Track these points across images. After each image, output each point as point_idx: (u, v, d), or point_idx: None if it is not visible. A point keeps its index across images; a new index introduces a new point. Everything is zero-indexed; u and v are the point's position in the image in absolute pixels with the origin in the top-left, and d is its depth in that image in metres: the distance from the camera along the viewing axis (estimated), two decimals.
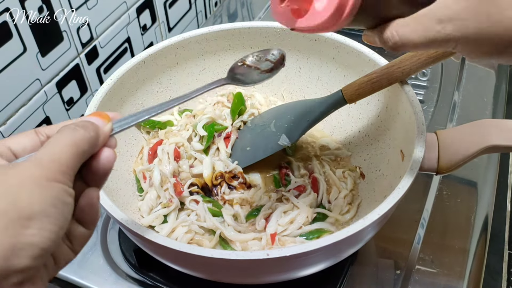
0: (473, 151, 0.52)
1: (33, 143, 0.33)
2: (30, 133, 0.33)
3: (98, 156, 0.33)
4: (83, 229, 0.32)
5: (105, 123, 0.34)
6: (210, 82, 0.48)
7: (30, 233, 0.27)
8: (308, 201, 0.61)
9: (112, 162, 0.33)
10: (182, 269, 0.51)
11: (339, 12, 0.35)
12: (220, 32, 0.69)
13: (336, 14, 0.35)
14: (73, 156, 0.30)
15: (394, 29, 0.34)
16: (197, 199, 0.62)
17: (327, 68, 0.70)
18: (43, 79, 0.67)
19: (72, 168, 0.30)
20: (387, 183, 0.57)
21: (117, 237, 0.64)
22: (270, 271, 0.48)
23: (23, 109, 0.65)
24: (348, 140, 0.70)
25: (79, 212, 0.32)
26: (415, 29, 0.33)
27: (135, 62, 0.64)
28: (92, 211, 0.32)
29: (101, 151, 0.33)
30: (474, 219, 0.66)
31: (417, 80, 0.88)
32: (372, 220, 0.44)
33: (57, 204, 0.28)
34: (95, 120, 0.34)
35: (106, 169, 0.33)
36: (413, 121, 0.53)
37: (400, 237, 0.64)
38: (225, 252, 0.43)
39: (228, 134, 0.69)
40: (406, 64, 0.55)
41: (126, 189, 0.62)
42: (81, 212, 0.32)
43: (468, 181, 0.71)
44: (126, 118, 0.37)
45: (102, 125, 0.34)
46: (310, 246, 0.42)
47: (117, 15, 0.79)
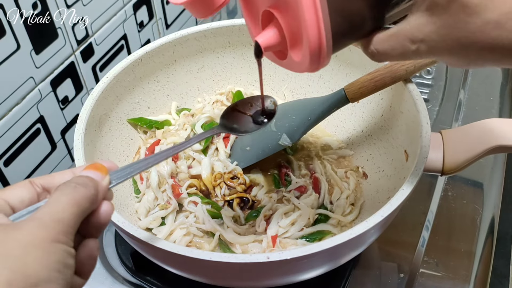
0: (479, 151, 0.52)
1: (30, 195, 0.33)
2: (25, 184, 0.34)
3: (98, 211, 0.33)
4: (80, 280, 0.32)
5: (103, 177, 0.35)
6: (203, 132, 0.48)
7: None
8: (309, 202, 0.61)
9: (110, 215, 0.34)
10: (180, 272, 0.51)
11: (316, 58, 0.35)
12: (219, 29, 0.70)
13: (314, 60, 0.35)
14: (75, 215, 0.30)
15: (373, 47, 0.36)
16: (195, 200, 0.62)
17: (329, 66, 0.69)
18: (37, 77, 0.67)
19: (74, 227, 0.30)
20: (391, 184, 0.57)
21: (113, 239, 0.64)
22: (271, 275, 0.48)
23: (17, 108, 0.65)
24: (351, 139, 0.70)
25: (79, 265, 0.32)
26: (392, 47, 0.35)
27: (132, 60, 0.64)
28: (91, 262, 0.33)
29: (100, 206, 0.34)
30: (480, 221, 0.66)
31: (421, 79, 0.88)
32: (375, 222, 0.44)
33: (61, 269, 0.28)
34: (94, 175, 0.34)
35: (105, 222, 0.34)
36: (417, 120, 0.53)
37: (404, 239, 0.64)
38: (224, 255, 0.43)
39: (228, 133, 0.69)
40: (410, 62, 0.55)
41: (122, 190, 0.62)
42: (81, 264, 0.32)
43: (474, 182, 0.71)
44: (123, 169, 0.37)
45: (101, 180, 0.34)
46: (312, 249, 0.42)
47: (113, 11, 0.79)
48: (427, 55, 0.34)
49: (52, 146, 0.74)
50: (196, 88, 0.74)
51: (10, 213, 0.32)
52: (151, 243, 0.44)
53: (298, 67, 0.38)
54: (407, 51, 0.34)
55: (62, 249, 0.29)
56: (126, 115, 0.67)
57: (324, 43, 0.34)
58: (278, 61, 0.42)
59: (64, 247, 0.29)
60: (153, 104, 0.71)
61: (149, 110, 0.70)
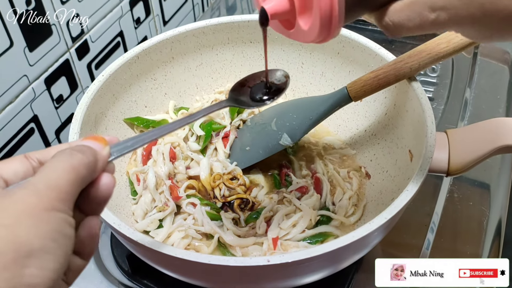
0: (486, 151, 0.52)
1: (24, 168, 0.32)
2: (20, 158, 0.33)
3: (97, 182, 0.32)
4: (80, 261, 0.32)
5: (103, 147, 0.33)
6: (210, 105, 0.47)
7: (30, 273, 0.26)
8: (311, 203, 0.61)
9: (111, 189, 0.33)
10: (178, 276, 0.51)
11: (326, 26, 0.34)
12: (218, 26, 0.70)
13: (324, 28, 0.34)
14: (72, 182, 0.29)
15: (388, 18, 0.35)
16: (194, 202, 0.62)
17: (332, 63, 0.70)
18: (31, 75, 0.67)
19: (72, 195, 0.29)
20: (395, 185, 0.57)
21: (109, 242, 0.64)
22: (271, 278, 0.48)
23: (10, 107, 0.65)
24: (354, 139, 0.70)
25: (79, 244, 0.31)
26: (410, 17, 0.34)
27: (128, 57, 0.64)
28: (92, 242, 0.32)
29: (99, 178, 0.32)
30: (487, 224, 0.66)
31: (426, 76, 0.88)
32: (379, 224, 0.44)
33: (58, 238, 0.27)
34: (92, 144, 0.33)
35: (106, 196, 0.32)
36: (422, 119, 0.53)
37: (408, 242, 0.64)
38: (224, 258, 0.43)
39: (227, 133, 0.69)
40: (415, 60, 0.55)
41: (119, 192, 0.62)
42: (81, 243, 0.31)
43: (481, 183, 0.71)
44: (125, 141, 0.36)
45: (100, 149, 0.33)
46: (313, 252, 0.42)
47: (109, 7, 0.79)
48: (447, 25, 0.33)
49: (46, 146, 0.74)
50: (194, 86, 0.74)
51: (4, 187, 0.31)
52: (148, 246, 0.44)
53: (306, 37, 0.36)
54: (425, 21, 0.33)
55: (58, 217, 0.28)
56: (122, 114, 0.67)
57: (337, 9, 0.33)
58: (284, 31, 0.40)
59: (60, 215, 0.28)
60: (150, 102, 0.71)
61: (146, 109, 0.70)
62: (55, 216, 0.28)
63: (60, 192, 0.28)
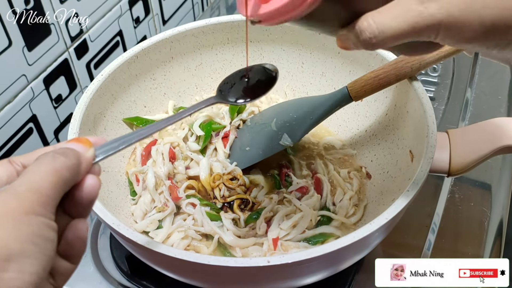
0: (487, 151, 0.52)
1: (8, 173, 0.32)
2: (3, 163, 0.32)
3: (81, 184, 0.32)
4: (68, 264, 0.31)
5: (87, 149, 0.33)
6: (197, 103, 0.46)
7: (9, 277, 0.25)
8: (311, 203, 0.61)
9: (97, 191, 0.33)
10: (178, 277, 0.51)
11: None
12: (218, 25, 0.70)
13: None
14: (54, 185, 0.29)
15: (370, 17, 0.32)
16: (194, 202, 0.62)
17: (332, 63, 0.70)
18: (29, 75, 0.67)
19: (54, 198, 0.29)
20: (396, 186, 0.58)
21: (108, 243, 0.64)
22: (271, 279, 0.48)
23: (8, 107, 0.65)
24: (354, 139, 0.70)
25: (66, 247, 0.31)
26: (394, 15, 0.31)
27: (128, 57, 0.64)
28: (80, 244, 0.32)
29: (84, 179, 0.32)
30: (488, 224, 0.66)
31: (427, 76, 0.88)
32: (380, 224, 0.44)
33: (38, 242, 0.27)
34: (75, 147, 0.33)
35: (91, 198, 0.32)
36: (423, 119, 0.53)
37: (409, 243, 0.64)
38: (223, 259, 0.43)
39: (227, 133, 0.69)
40: (416, 59, 0.55)
41: (118, 192, 0.62)
42: (68, 246, 0.31)
43: (482, 183, 0.71)
44: (110, 142, 0.35)
45: (84, 152, 0.33)
46: (314, 253, 0.42)
47: (108, 7, 0.79)
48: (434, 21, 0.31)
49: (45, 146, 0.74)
50: (194, 86, 0.74)
51: None
52: (147, 247, 0.44)
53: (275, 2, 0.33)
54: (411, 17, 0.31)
55: (39, 220, 0.27)
56: (121, 114, 0.67)
57: None
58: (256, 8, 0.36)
59: (41, 219, 0.27)
60: (150, 102, 0.71)
61: (145, 109, 0.70)
62: (36, 219, 0.27)
63: (41, 195, 0.28)
